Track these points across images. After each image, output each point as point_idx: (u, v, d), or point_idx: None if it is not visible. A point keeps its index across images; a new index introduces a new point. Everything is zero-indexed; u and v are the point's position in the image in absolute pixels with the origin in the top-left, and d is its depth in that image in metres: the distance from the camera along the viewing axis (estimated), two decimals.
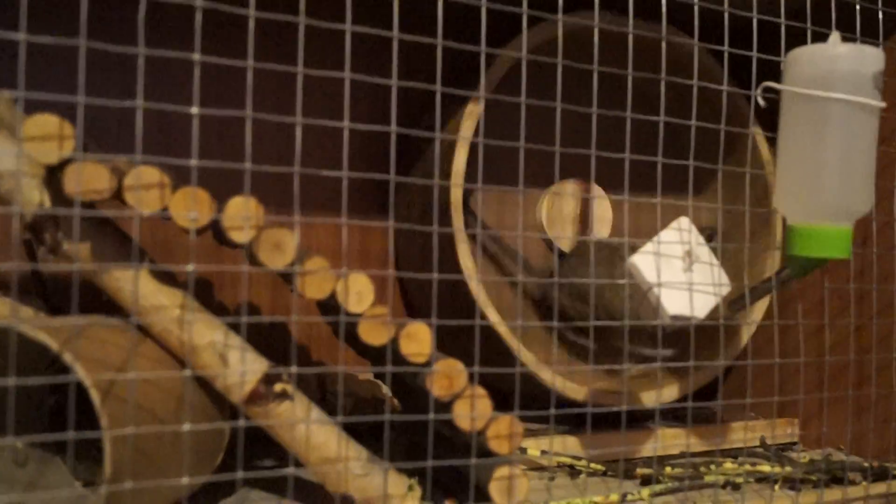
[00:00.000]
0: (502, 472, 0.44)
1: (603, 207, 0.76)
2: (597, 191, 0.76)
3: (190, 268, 0.38)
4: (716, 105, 0.65)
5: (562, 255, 0.73)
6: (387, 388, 0.64)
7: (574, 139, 0.59)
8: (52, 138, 0.40)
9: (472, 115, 0.58)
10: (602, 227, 0.76)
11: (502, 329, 0.59)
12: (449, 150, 0.57)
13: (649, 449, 0.66)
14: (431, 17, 0.49)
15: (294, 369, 0.42)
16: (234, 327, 0.47)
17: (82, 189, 0.40)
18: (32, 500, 0.48)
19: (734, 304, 0.57)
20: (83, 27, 0.34)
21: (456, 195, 0.57)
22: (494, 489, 0.44)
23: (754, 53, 0.51)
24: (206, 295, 0.68)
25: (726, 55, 0.50)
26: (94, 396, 0.39)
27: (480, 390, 0.45)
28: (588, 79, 0.50)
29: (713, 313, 0.54)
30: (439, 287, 0.59)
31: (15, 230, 0.47)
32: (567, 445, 0.62)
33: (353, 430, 0.51)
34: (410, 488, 0.48)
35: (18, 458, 0.51)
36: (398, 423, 0.59)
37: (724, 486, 0.59)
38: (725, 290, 0.55)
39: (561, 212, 0.72)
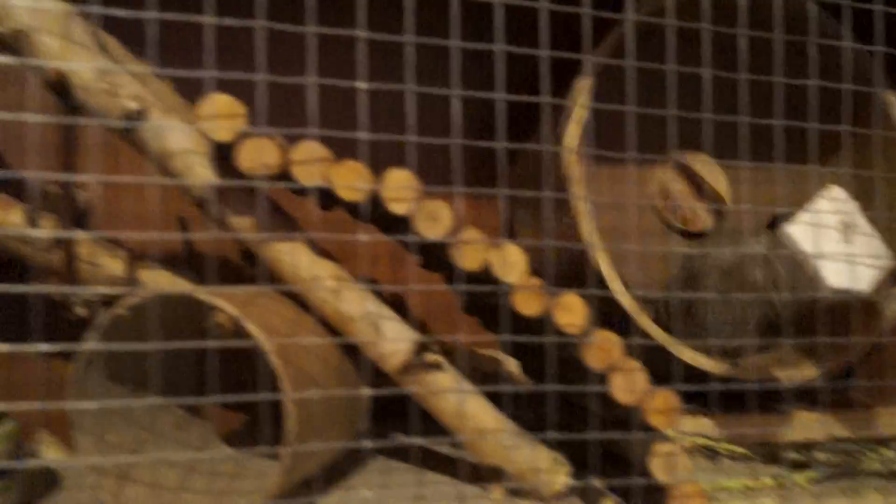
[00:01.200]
0: (663, 447, 0.44)
1: (719, 178, 0.72)
2: (713, 161, 0.72)
3: (363, 237, 0.39)
4: (837, 69, 0.61)
5: (692, 233, 0.70)
6: (512, 361, 0.64)
7: (686, 111, 0.57)
8: (226, 116, 0.41)
9: (583, 90, 0.56)
10: (720, 198, 0.72)
11: (627, 303, 0.57)
12: (563, 123, 0.56)
13: (789, 432, 0.63)
14: None
15: (443, 341, 0.43)
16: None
17: (254, 164, 0.42)
18: (217, 454, 0.50)
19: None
20: (262, 6, 0.35)
21: (572, 166, 0.56)
22: (656, 465, 0.44)
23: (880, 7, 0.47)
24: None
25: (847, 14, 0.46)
26: (275, 361, 0.41)
27: (636, 363, 0.44)
28: (697, 51, 0.48)
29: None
30: (556, 260, 0.57)
31: (184, 205, 0.50)
32: (700, 426, 0.60)
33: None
34: (556, 461, 0.48)
35: (180, 423, 0.54)
36: (528, 396, 0.59)
37: (887, 476, 0.55)
38: (887, 262, 0.52)
39: (676, 185, 0.69)
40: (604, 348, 0.43)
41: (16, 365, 0.62)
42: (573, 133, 0.54)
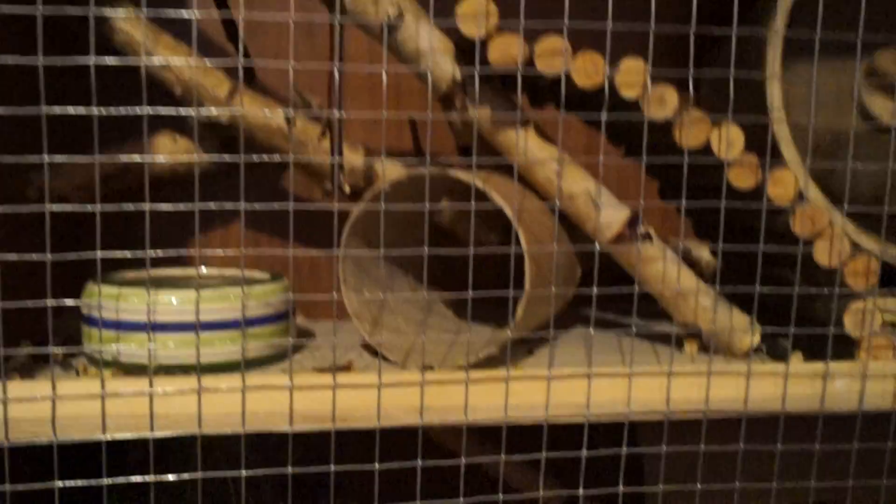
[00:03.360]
0: (858, 305, 0.49)
1: None
2: None
3: (604, 116, 0.45)
4: None
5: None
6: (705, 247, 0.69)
7: None
8: (480, 14, 0.48)
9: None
10: None
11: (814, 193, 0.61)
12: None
13: None
14: None
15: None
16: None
17: (503, 57, 0.49)
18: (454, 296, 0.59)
19: None
20: None
21: (774, 61, 0.59)
22: (849, 320, 0.49)
23: None
24: None
25: None
26: (514, 223, 0.49)
27: (840, 230, 0.49)
28: None
29: None
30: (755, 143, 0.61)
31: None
32: (888, 304, 0.64)
33: None
34: (750, 322, 0.54)
35: (413, 286, 0.63)
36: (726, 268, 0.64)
37: None
38: None
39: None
40: (811, 216, 0.49)
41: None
42: (780, 21, 0.58)
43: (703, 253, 0.65)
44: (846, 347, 0.50)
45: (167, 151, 0.66)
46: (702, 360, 0.53)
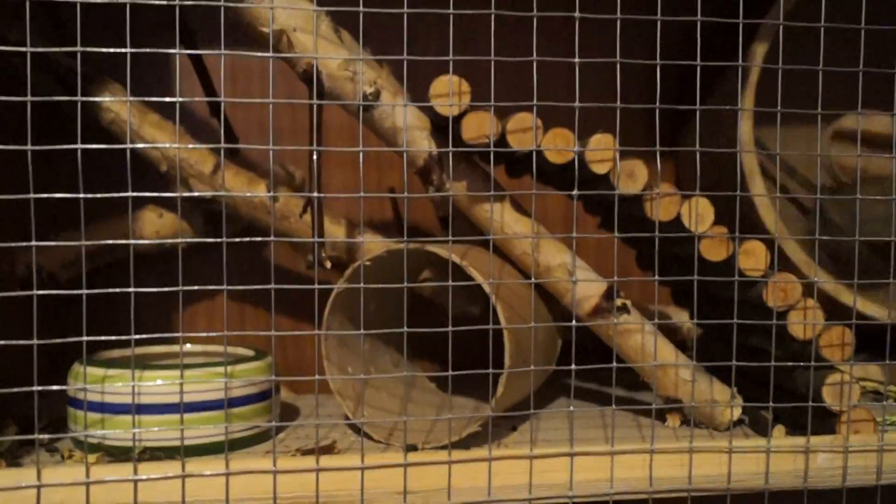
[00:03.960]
0: (835, 377, 0.49)
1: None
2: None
3: (576, 192, 0.46)
4: None
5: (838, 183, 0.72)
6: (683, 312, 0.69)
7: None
8: (453, 94, 0.50)
9: (760, 55, 0.61)
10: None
11: (796, 256, 0.62)
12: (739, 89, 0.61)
13: None
14: None
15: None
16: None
17: (476, 134, 0.50)
18: (436, 375, 0.59)
19: None
20: None
21: (747, 129, 0.61)
22: (827, 393, 0.49)
23: None
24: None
25: None
26: (492, 298, 0.49)
27: (813, 302, 0.49)
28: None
29: None
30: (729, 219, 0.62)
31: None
32: (867, 373, 0.64)
33: None
34: (733, 396, 0.54)
35: (396, 361, 0.63)
36: (699, 338, 0.64)
37: None
38: None
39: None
40: (784, 288, 0.49)
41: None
42: (749, 96, 0.60)
43: (682, 317, 0.65)
44: (828, 419, 0.50)
45: (152, 226, 0.67)
46: (684, 435, 0.53)
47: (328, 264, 0.55)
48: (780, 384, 0.52)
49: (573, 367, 0.48)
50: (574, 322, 0.50)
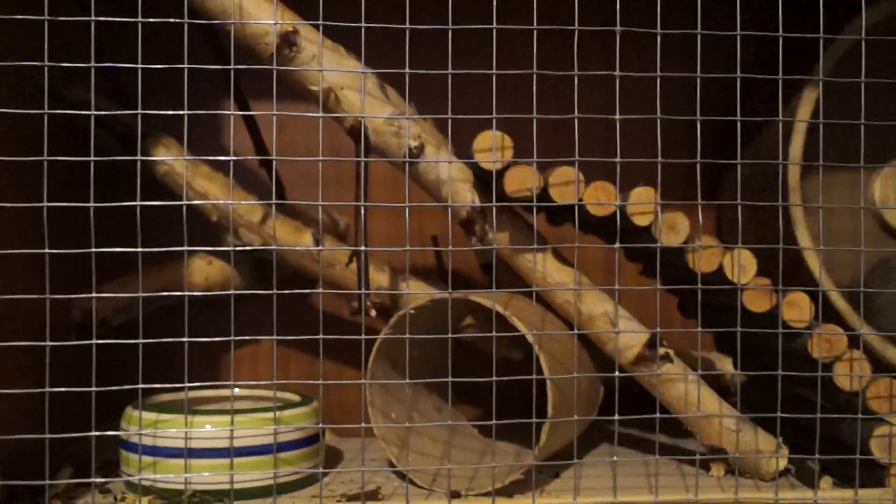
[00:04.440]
0: (883, 429, 0.49)
1: None
2: None
3: (617, 244, 0.47)
4: None
5: None
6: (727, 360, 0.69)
7: None
8: (496, 150, 0.51)
9: (809, 101, 0.61)
10: None
11: (841, 305, 0.62)
12: (786, 134, 0.61)
13: None
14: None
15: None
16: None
17: (518, 188, 0.51)
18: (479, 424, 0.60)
19: None
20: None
21: (794, 176, 0.61)
22: (875, 445, 0.49)
23: None
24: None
25: None
26: (535, 349, 0.50)
27: (860, 353, 0.49)
28: None
29: None
30: (773, 265, 0.62)
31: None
32: None
33: None
34: (779, 447, 0.54)
35: (439, 406, 0.64)
36: (743, 388, 0.64)
37: None
38: None
39: None
40: (829, 340, 0.49)
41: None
42: (797, 144, 0.60)
43: (725, 363, 0.65)
44: (875, 471, 0.50)
45: (202, 273, 0.69)
46: (729, 485, 0.53)
47: (373, 313, 0.57)
48: (827, 435, 0.51)
49: (616, 417, 0.48)
50: (617, 372, 0.50)
